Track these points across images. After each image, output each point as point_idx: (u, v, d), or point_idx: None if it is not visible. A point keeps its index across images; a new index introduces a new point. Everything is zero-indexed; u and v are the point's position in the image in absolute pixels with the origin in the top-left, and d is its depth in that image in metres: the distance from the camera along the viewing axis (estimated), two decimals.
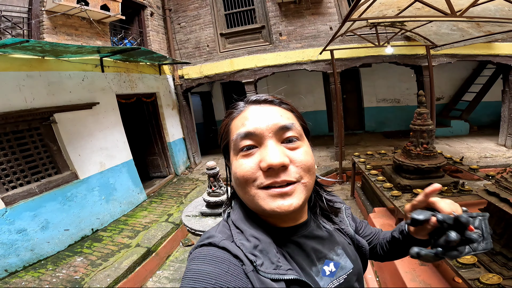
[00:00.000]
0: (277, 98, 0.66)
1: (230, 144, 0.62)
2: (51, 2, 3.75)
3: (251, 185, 0.56)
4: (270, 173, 0.55)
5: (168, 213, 4.82)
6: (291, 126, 0.59)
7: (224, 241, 0.56)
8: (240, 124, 0.60)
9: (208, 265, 0.51)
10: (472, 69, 7.97)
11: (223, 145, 0.67)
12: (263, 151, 0.56)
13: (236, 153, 0.59)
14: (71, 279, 3.23)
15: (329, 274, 0.64)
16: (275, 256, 0.55)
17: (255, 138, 0.58)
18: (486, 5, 3.31)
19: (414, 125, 3.75)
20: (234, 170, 0.59)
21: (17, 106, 3.48)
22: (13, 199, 3.42)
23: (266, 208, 0.55)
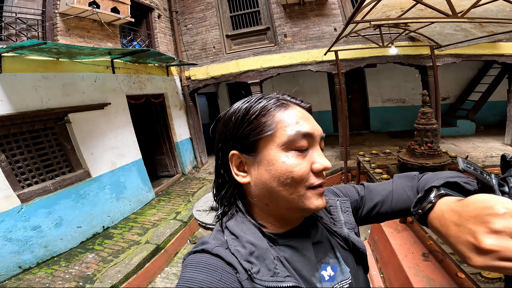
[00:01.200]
0: (311, 107, 0.69)
1: (273, 138, 0.58)
2: (64, 5, 3.87)
3: (302, 185, 0.57)
4: (318, 175, 0.59)
5: (176, 211, 4.92)
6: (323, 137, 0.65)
7: (217, 248, 0.55)
8: (294, 121, 0.58)
9: (200, 273, 0.51)
10: (478, 69, 7.93)
11: (253, 137, 0.59)
12: (315, 154, 0.60)
13: (286, 150, 0.57)
14: (83, 275, 3.32)
15: (329, 279, 0.63)
16: (272, 263, 0.54)
17: (311, 140, 0.59)
18: (487, 6, 3.34)
19: (418, 124, 3.79)
20: (286, 168, 0.56)
21: (33, 106, 3.61)
22: (29, 196, 3.52)
23: (311, 207, 0.58)
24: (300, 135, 0.57)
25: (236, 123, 0.61)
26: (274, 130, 0.58)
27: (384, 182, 0.81)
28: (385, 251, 3.09)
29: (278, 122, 0.58)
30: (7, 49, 3.06)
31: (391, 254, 2.85)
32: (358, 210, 0.80)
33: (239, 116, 0.61)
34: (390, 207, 0.75)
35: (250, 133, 0.59)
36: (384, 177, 3.73)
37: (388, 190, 0.77)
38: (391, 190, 0.77)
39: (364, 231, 4.11)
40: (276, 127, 0.58)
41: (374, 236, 3.51)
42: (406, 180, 0.78)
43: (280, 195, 0.58)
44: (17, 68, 3.47)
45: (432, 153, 3.71)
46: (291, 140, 0.57)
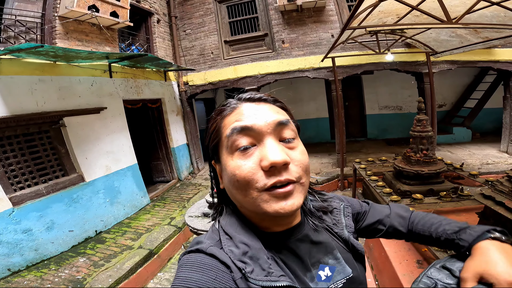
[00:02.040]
0: (271, 96, 0.64)
1: (222, 142, 0.59)
2: (63, 8, 3.89)
3: (253, 187, 0.53)
4: (272, 172, 0.52)
5: (170, 216, 4.88)
6: (287, 122, 0.58)
7: (211, 247, 0.55)
8: (234, 120, 0.57)
9: (196, 273, 0.50)
10: (474, 75, 8.00)
11: (213, 145, 0.62)
12: (263, 149, 0.54)
13: (231, 152, 0.56)
14: (73, 279, 3.28)
15: (325, 279, 0.62)
16: (266, 263, 0.54)
17: (253, 134, 0.55)
18: (482, 12, 3.37)
19: (414, 132, 3.80)
20: (231, 172, 0.55)
21: (29, 109, 3.60)
22: (21, 200, 3.50)
23: (269, 211, 0.53)
24: (236, 132, 0.55)
25: (205, 135, 0.66)
26: (221, 135, 0.59)
27: (383, 205, 0.89)
28: (379, 258, 3.06)
29: (223, 126, 0.59)
30: (4, 52, 3.07)
31: (386, 261, 2.83)
32: (358, 222, 0.85)
33: (206, 128, 0.65)
34: (386, 227, 0.83)
35: (210, 142, 0.63)
36: (379, 184, 3.72)
37: (387, 213, 0.85)
38: (389, 213, 0.85)
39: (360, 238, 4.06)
40: (221, 132, 0.59)
41: (369, 243, 3.48)
42: (402, 211, 0.86)
43: (237, 198, 0.58)
44: (14, 71, 3.48)
45: (427, 161, 3.71)
46: (230, 141, 0.56)
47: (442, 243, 0.72)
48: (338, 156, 6.35)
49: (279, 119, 0.57)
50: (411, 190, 3.59)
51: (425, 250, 2.68)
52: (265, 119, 0.56)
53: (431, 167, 3.68)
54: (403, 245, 2.91)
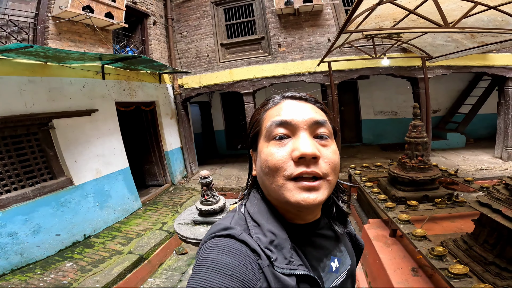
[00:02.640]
0: (312, 96, 0.68)
1: (261, 132, 0.64)
2: (57, 8, 3.84)
3: (280, 175, 0.56)
4: (301, 163, 0.55)
5: (162, 221, 4.79)
6: (324, 122, 0.61)
7: (243, 234, 0.57)
8: (275, 114, 0.62)
9: (226, 256, 0.51)
10: (468, 81, 8.06)
11: (253, 134, 0.67)
12: (296, 141, 0.57)
13: (268, 141, 0.60)
14: (58, 283, 3.20)
15: (335, 270, 0.66)
16: (289, 252, 0.56)
17: (290, 127, 0.59)
18: (479, 16, 3.37)
19: (409, 138, 3.79)
20: (264, 158, 0.59)
21: (17, 110, 3.51)
22: (6, 203, 3.42)
23: (291, 200, 0.55)
24: (275, 124, 0.60)
25: (248, 125, 0.73)
26: (261, 126, 0.64)
27: None
28: (374, 266, 3.01)
29: (264, 118, 0.64)
30: None
31: (380, 268, 2.78)
32: None
33: (250, 119, 0.71)
34: None
35: (251, 131, 0.69)
36: (374, 191, 3.69)
37: None
38: None
39: None
40: (262, 123, 0.64)
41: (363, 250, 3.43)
42: None
43: (265, 184, 0.61)
44: (3, 71, 3.40)
45: (422, 167, 3.69)
46: (269, 131, 0.61)
47: None
48: None
49: (316, 118, 0.61)
50: (406, 196, 3.57)
51: (420, 257, 2.64)
52: (303, 116, 0.60)
53: (426, 173, 3.65)
54: (398, 253, 2.87)
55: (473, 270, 2.02)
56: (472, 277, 1.92)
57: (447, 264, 2.03)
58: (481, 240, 2.18)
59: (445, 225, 3.09)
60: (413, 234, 2.50)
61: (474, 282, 1.85)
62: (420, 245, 2.35)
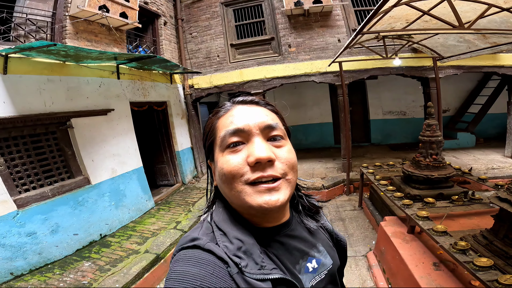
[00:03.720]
0: (263, 99, 0.70)
1: (216, 141, 0.64)
2: (74, 8, 3.88)
3: (238, 181, 0.57)
4: (257, 168, 0.56)
5: (176, 220, 4.81)
6: (276, 125, 0.62)
7: (209, 243, 0.56)
8: (228, 122, 0.62)
9: (193, 267, 0.51)
10: (477, 80, 8.05)
11: (208, 144, 0.68)
12: (250, 146, 0.58)
13: (223, 150, 0.61)
14: (78, 284, 3.19)
15: (312, 270, 0.66)
16: (259, 257, 0.56)
17: (243, 134, 0.60)
18: (491, 17, 3.42)
19: (423, 137, 3.80)
20: (220, 166, 0.60)
21: (36, 109, 3.55)
22: (26, 202, 3.43)
23: (253, 204, 0.56)
24: (228, 134, 0.60)
25: (202, 135, 0.72)
26: (215, 135, 0.65)
27: None
28: (393, 262, 3.02)
29: (217, 127, 0.65)
30: (14, 50, 3.03)
31: (401, 264, 2.79)
32: None
33: (203, 128, 0.72)
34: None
35: (206, 142, 0.69)
36: (389, 189, 3.69)
37: None
38: None
39: (369, 242, 4.03)
40: (216, 133, 0.65)
41: (380, 247, 3.44)
42: None
43: (225, 192, 0.62)
44: (22, 70, 3.43)
45: (437, 165, 3.71)
46: (223, 140, 0.61)
47: None
48: (344, 161, 6.34)
49: (267, 122, 0.62)
50: (421, 194, 3.58)
51: (441, 252, 2.65)
52: (254, 120, 0.61)
53: (441, 171, 3.67)
54: (417, 248, 2.88)
55: (495, 263, 2.03)
56: (496, 270, 1.93)
57: (471, 258, 2.04)
58: (501, 235, 2.19)
59: (462, 222, 3.09)
60: (433, 230, 2.51)
61: (499, 274, 1.87)
62: (442, 240, 2.36)
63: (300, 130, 9.24)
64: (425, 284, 2.36)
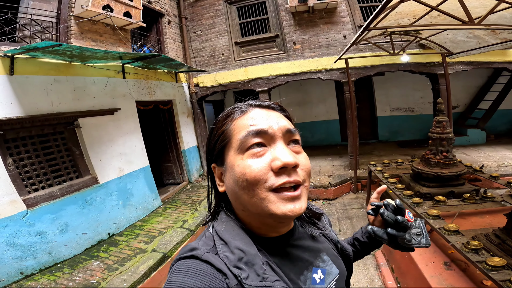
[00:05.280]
0: (279, 104, 0.68)
1: (230, 144, 0.60)
2: (79, 8, 3.89)
3: (261, 187, 0.54)
4: (282, 173, 0.54)
5: (183, 219, 4.82)
6: (295, 131, 0.62)
7: (207, 254, 0.55)
8: (248, 123, 0.59)
9: (190, 278, 0.50)
10: (488, 76, 7.90)
11: (220, 147, 0.63)
12: (275, 150, 0.56)
13: (242, 152, 0.57)
14: (87, 283, 3.22)
15: (320, 282, 0.64)
16: (261, 268, 0.54)
17: (266, 136, 0.57)
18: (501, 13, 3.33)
19: (433, 133, 3.73)
20: (241, 171, 0.56)
21: (44, 110, 3.57)
22: (35, 202, 3.46)
23: (277, 212, 0.54)
24: (251, 135, 0.57)
25: (209, 137, 0.67)
26: (231, 137, 0.60)
27: None
28: (402, 261, 2.98)
29: (234, 129, 0.60)
30: (20, 51, 3.05)
31: (410, 263, 2.75)
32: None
33: (211, 130, 0.67)
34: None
35: (216, 144, 0.64)
36: (398, 187, 3.64)
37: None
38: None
39: None
40: (232, 134, 0.60)
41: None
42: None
43: (243, 199, 0.58)
44: (29, 71, 3.45)
45: (447, 162, 3.63)
46: (243, 142, 0.57)
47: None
48: (351, 159, 6.28)
49: (289, 126, 0.61)
50: (431, 192, 3.52)
51: (452, 252, 2.60)
52: (278, 124, 0.59)
53: (452, 169, 3.60)
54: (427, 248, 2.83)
55: (508, 263, 1.99)
56: (509, 270, 1.89)
57: (484, 257, 2.00)
58: None
59: (474, 221, 3.04)
60: (445, 229, 2.46)
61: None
62: (453, 240, 2.32)
63: (306, 127, 9.18)
64: (436, 283, 2.33)
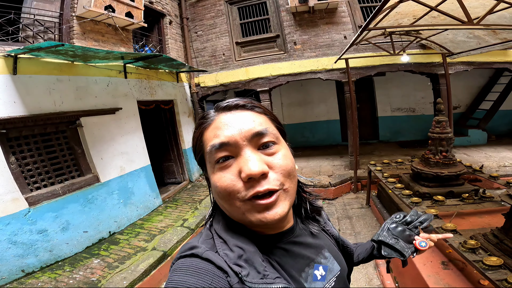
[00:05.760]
0: (249, 101, 0.63)
1: (205, 156, 0.60)
2: (81, 8, 3.93)
3: (235, 198, 0.54)
4: (252, 183, 0.53)
5: (183, 218, 4.85)
6: (265, 131, 0.57)
7: (207, 252, 0.54)
8: (212, 135, 0.58)
9: (191, 277, 0.49)
10: (489, 77, 7.88)
11: (199, 157, 0.64)
12: (241, 161, 0.54)
13: (213, 166, 0.58)
14: (87, 280, 3.25)
15: (320, 278, 0.64)
16: (261, 265, 0.54)
17: (230, 148, 0.55)
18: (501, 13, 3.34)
19: (433, 133, 3.74)
20: (214, 184, 0.57)
21: (47, 109, 3.62)
22: (37, 200, 3.50)
23: (252, 220, 0.54)
24: (214, 150, 0.56)
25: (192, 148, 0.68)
26: (204, 149, 0.61)
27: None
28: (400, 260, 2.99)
29: (204, 140, 0.60)
30: (23, 50, 3.09)
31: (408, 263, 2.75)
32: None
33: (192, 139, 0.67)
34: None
35: (195, 154, 0.65)
36: (398, 187, 3.65)
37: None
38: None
39: None
40: (203, 146, 0.61)
41: None
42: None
43: (224, 207, 0.59)
44: (32, 70, 3.49)
45: (447, 162, 3.64)
46: (210, 156, 0.57)
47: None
48: (351, 158, 6.29)
49: (255, 130, 0.56)
50: (430, 192, 3.52)
51: (450, 251, 2.61)
52: (240, 130, 0.56)
53: (451, 169, 3.60)
54: None
55: (505, 263, 2.00)
56: (506, 270, 1.90)
57: (481, 257, 2.01)
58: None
59: (473, 220, 3.04)
60: (442, 228, 2.47)
61: (509, 274, 1.84)
62: (451, 239, 2.33)
63: (307, 127, 9.20)
64: (433, 283, 2.34)
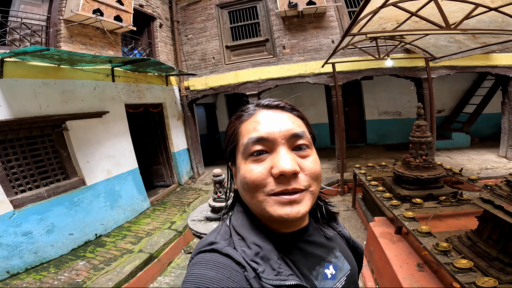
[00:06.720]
0: (289, 104, 0.66)
1: (238, 147, 0.62)
2: (69, 12, 3.94)
3: (260, 191, 0.56)
4: (281, 180, 0.55)
5: (171, 220, 4.87)
6: (302, 134, 0.60)
7: (227, 247, 0.56)
8: (251, 128, 0.60)
9: (211, 270, 0.52)
10: (473, 80, 8.06)
11: (230, 148, 0.66)
12: (275, 157, 0.56)
13: (246, 157, 0.59)
14: (72, 282, 3.28)
15: (331, 277, 0.65)
16: (276, 263, 0.56)
17: (267, 143, 0.57)
18: (480, 17, 3.41)
19: (413, 137, 3.83)
20: (243, 175, 0.59)
21: (32, 112, 3.63)
22: (22, 202, 3.51)
23: (273, 215, 0.55)
24: (252, 142, 0.58)
25: (224, 137, 0.70)
26: (238, 140, 0.62)
27: None
28: (380, 262, 3.06)
29: (241, 132, 0.62)
30: (9, 54, 3.10)
31: (386, 264, 2.83)
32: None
33: (226, 130, 0.69)
34: None
35: (228, 145, 0.67)
36: (379, 189, 3.73)
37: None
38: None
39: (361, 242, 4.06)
40: (239, 137, 0.62)
41: (369, 247, 3.48)
42: None
43: (247, 200, 0.61)
44: (18, 74, 3.50)
45: (427, 166, 3.73)
46: (246, 148, 0.59)
47: None
48: (338, 162, 6.38)
49: (294, 131, 0.59)
50: (411, 195, 3.61)
51: (425, 253, 2.69)
52: (280, 129, 0.58)
53: (431, 172, 3.70)
54: (403, 249, 2.92)
55: (478, 265, 2.05)
56: (477, 272, 1.94)
57: (452, 259, 2.06)
58: (485, 236, 2.20)
59: (450, 223, 3.12)
60: (418, 231, 2.53)
61: (479, 277, 1.89)
62: (425, 241, 2.38)
63: None
64: (408, 285, 2.38)
